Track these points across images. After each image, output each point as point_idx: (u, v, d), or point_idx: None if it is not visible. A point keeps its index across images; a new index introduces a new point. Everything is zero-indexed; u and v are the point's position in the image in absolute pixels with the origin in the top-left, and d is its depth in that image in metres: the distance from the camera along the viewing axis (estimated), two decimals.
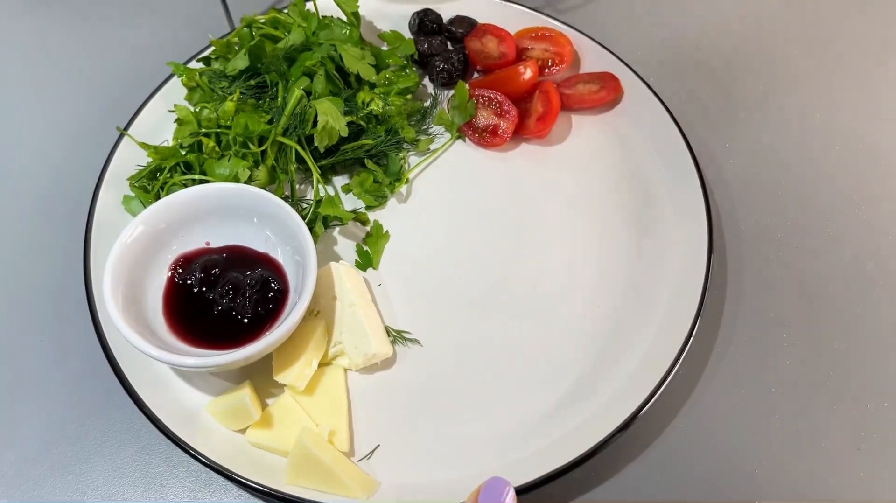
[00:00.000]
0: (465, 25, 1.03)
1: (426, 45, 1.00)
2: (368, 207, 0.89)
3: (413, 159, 0.93)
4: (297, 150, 0.85)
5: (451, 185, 0.92)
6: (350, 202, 0.89)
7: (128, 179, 0.84)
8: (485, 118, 0.94)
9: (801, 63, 1.09)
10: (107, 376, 0.74)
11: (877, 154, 0.98)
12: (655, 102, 0.93)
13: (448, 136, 0.95)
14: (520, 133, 0.94)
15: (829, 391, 0.78)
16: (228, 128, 0.84)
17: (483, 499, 0.51)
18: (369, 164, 0.89)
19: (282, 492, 0.65)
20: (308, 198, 0.88)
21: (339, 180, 0.91)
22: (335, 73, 0.89)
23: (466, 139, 0.95)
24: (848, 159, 0.97)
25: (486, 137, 0.93)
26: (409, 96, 0.94)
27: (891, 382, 0.79)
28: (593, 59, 1.00)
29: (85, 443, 0.74)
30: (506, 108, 0.93)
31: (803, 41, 1.12)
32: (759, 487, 0.72)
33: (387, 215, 0.88)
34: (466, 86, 0.93)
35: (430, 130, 0.96)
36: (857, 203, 0.93)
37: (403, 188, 0.90)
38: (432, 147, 0.95)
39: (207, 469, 0.70)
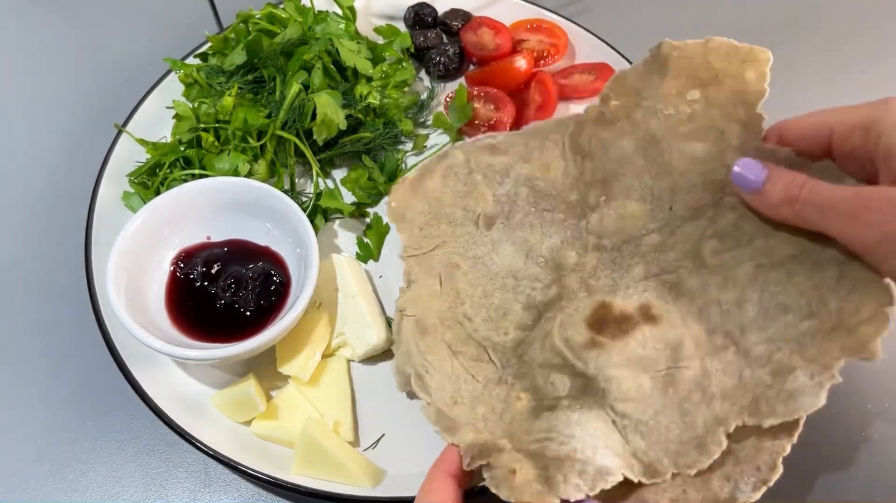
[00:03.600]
0: (461, 18, 1.04)
1: (422, 39, 1.01)
2: (362, 203, 0.88)
3: (411, 160, 0.93)
4: (296, 144, 0.85)
5: None
6: (350, 195, 0.89)
7: (127, 176, 0.84)
8: (481, 114, 0.94)
9: (800, 55, 1.09)
10: (107, 376, 0.74)
11: None
12: None
13: (447, 137, 0.94)
14: (520, 125, 0.94)
15: (829, 391, 0.78)
16: (227, 123, 0.84)
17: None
18: (366, 160, 0.89)
19: (289, 482, 0.66)
20: (308, 191, 0.88)
21: (338, 173, 0.91)
22: (332, 66, 0.89)
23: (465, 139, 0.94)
24: None
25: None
26: (405, 89, 0.95)
27: (891, 382, 0.79)
28: (588, 50, 1.01)
29: (85, 443, 0.74)
30: (501, 103, 0.93)
31: (804, 34, 1.13)
32: None
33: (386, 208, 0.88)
34: (466, 88, 0.93)
35: (428, 123, 0.96)
36: None
37: None
38: (430, 145, 0.94)
39: (207, 469, 0.70)
